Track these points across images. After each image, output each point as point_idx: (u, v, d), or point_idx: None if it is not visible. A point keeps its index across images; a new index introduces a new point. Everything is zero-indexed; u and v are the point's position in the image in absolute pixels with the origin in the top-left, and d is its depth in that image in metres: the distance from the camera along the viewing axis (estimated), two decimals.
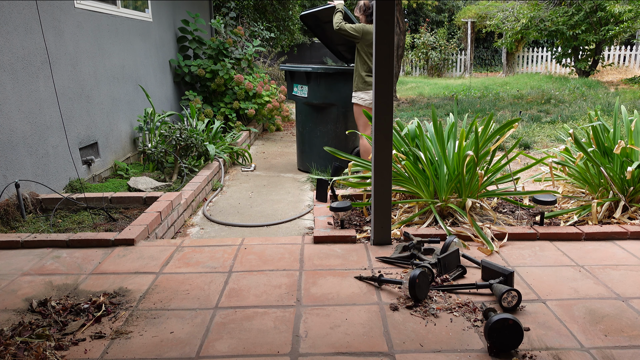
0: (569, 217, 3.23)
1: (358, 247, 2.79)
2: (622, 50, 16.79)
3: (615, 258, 2.61)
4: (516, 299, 2.07)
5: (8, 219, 3.28)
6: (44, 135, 3.83)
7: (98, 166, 4.65)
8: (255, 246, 2.82)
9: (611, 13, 12.92)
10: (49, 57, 3.88)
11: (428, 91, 12.87)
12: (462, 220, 3.11)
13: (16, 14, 3.55)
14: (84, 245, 2.83)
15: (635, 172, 3.11)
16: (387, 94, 2.61)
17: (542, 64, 18.33)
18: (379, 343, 1.86)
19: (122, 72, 5.24)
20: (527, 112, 8.39)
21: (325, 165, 5.08)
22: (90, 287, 2.34)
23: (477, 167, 3.10)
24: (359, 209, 3.43)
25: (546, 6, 14.70)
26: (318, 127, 5.04)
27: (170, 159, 4.77)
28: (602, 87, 12.15)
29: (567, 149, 3.60)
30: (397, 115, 8.51)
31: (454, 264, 2.44)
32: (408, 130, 3.55)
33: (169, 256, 2.70)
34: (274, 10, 11.66)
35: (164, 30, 6.62)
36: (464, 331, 1.93)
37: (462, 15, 19.33)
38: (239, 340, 1.90)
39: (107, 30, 4.93)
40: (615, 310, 2.08)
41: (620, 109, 3.67)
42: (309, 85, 4.90)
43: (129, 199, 3.63)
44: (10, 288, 2.34)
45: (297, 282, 2.37)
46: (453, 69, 19.03)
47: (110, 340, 1.91)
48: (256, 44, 7.82)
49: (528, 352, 1.79)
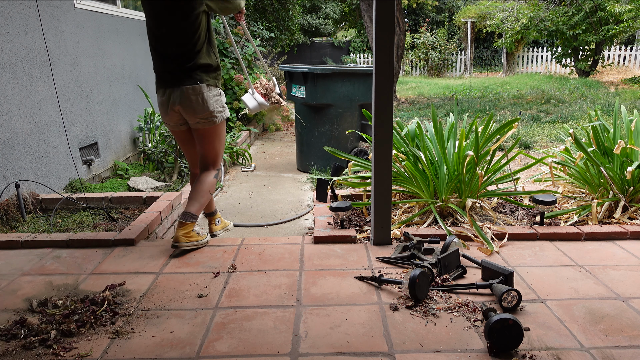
0: (569, 217, 3.23)
1: (358, 247, 2.79)
2: (622, 50, 16.79)
3: (615, 258, 2.61)
4: (516, 299, 2.07)
5: (8, 219, 3.28)
6: (44, 135, 3.83)
7: (98, 166, 4.65)
8: (255, 246, 2.82)
9: (611, 13, 12.92)
10: (49, 57, 3.88)
11: (428, 91, 12.87)
12: (462, 220, 3.11)
13: (16, 14, 3.55)
14: (84, 245, 2.83)
15: (635, 172, 3.11)
16: (387, 93, 2.61)
17: (542, 64, 18.33)
18: (379, 343, 1.86)
19: (122, 72, 5.24)
20: (527, 112, 8.39)
21: (325, 165, 5.08)
22: (91, 287, 2.34)
23: (477, 167, 3.10)
24: (359, 209, 3.43)
25: (546, 6, 14.70)
26: (316, 128, 5.05)
27: (170, 159, 4.77)
28: (602, 87, 12.15)
29: (567, 149, 3.60)
30: (397, 115, 8.51)
31: (454, 264, 2.44)
32: (408, 130, 3.55)
33: (169, 256, 2.70)
34: (274, 10, 11.66)
35: None
36: (464, 331, 1.93)
37: (462, 15, 19.33)
38: (239, 340, 1.90)
39: (107, 30, 4.93)
40: (615, 310, 2.08)
41: (620, 109, 3.67)
42: (306, 86, 4.90)
43: (129, 199, 3.63)
44: (10, 288, 2.34)
45: (297, 282, 2.37)
46: (453, 69, 19.03)
47: (110, 340, 1.91)
48: (256, 44, 7.82)
49: (528, 352, 1.79)
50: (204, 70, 2.68)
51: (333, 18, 20.70)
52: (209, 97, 2.69)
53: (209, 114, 2.71)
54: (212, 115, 2.73)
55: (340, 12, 20.58)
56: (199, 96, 2.66)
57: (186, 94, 2.64)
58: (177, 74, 2.65)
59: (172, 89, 2.67)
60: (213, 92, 2.72)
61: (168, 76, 2.68)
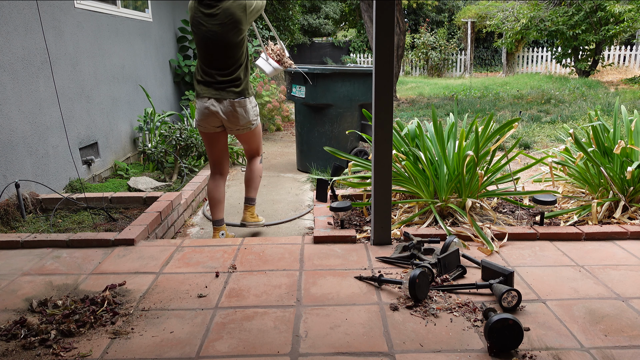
0: (569, 217, 3.23)
1: (358, 247, 2.79)
2: (622, 50, 16.79)
3: (615, 258, 2.61)
4: (516, 299, 2.07)
5: (8, 219, 3.28)
6: (44, 135, 3.83)
7: (98, 166, 4.65)
8: (255, 246, 2.82)
9: (611, 13, 12.92)
10: (49, 57, 3.88)
11: (428, 91, 12.87)
12: (462, 220, 3.11)
13: (16, 14, 3.55)
14: (84, 245, 2.83)
15: (635, 172, 3.11)
16: (387, 93, 2.61)
17: (542, 64, 18.33)
18: (379, 343, 1.86)
19: (122, 72, 5.24)
20: (527, 112, 8.39)
21: (325, 165, 5.08)
22: (91, 287, 2.34)
23: (477, 167, 3.10)
24: (359, 209, 3.43)
25: (546, 6, 14.70)
26: (316, 128, 5.05)
27: (170, 159, 4.77)
28: (602, 87, 12.15)
29: (567, 149, 3.60)
30: (397, 115, 8.51)
31: (454, 264, 2.44)
32: (408, 130, 3.55)
33: (169, 256, 2.70)
34: (274, 10, 11.65)
35: (164, 30, 6.62)
36: (464, 331, 1.93)
37: (462, 15, 19.33)
38: (239, 340, 1.90)
39: (107, 30, 4.93)
40: (615, 310, 2.08)
41: (620, 109, 3.67)
42: (306, 86, 4.90)
43: (129, 199, 3.63)
44: (10, 288, 2.34)
45: (297, 282, 2.37)
46: (453, 69, 19.03)
47: (110, 340, 1.91)
48: (256, 44, 7.82)
49: (528, 352, 1.79)
50: (245, 84, 3.10)
51: (333, 18, 20.71)
52: (249, 109, 3.14)
53: (248, 123, 3.17)
54: (250, 124, 3.19)
55: (340, 12, 20.59)
56: (243, 109, 3.10)
57: (232, 106, 3.06)
58: (223, 86, 3.05)
59: (217, 99, 3.06)
60: (253, 104, 3.17)
61: (215, 87, 3.06)
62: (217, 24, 2.96)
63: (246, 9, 3.00)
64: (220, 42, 2.98)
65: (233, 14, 2.96)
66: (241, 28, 3.00)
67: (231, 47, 3.00)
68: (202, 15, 3.00)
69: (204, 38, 3.01)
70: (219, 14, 2.96)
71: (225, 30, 2.97)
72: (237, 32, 2.99)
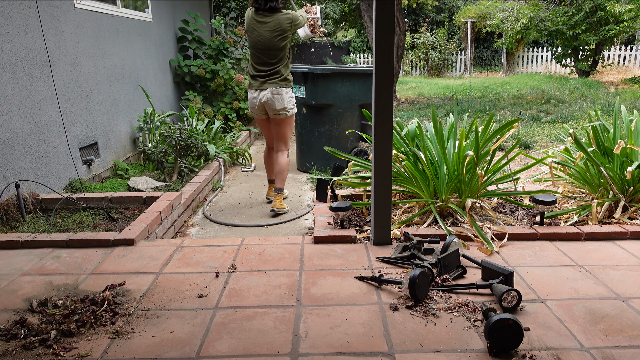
0: (569, 217, 3.23)
1: (358, 247, 2.79)
2: (622, 50, 16.79)
3: (615, 258, 2.61)
4: (516, 299, 2.08)
5: (8, 219, 3.28)
6: (44, 135, 3.83)
7: (98, 166, 4.65)
8: (255, 246, 2.82)
9: (611, 13, 12.92)
10: (49, 57, 3.88)
11: (428, 91, 12.86)
12: (462, 220, 3.11)
13: (16, 14, 3.55)
14: (84, 245, 2.83)
15: (635, 172, 3.11)
16: (387, 93, 2.61)
17: (542, 64, 18.32)
18: (379, 343, 1.86)
19: (122, 72, 5.24)
20: (527, 112, 8.39)
21: (324, 165, 5.08)
22: (91, 287, 2.34)
23: (477, 167, 3.10)
24: (359, 209, 3.43)
25: (546, 6, 14.70)
26: (316, 128, 5.05)
27: (170, 159, 4.77)
28: (602, 87, 12.15)
29: (567, 149, 3.60)
30: (397, 115, 8.51)
31: (454, 264, 2.44)
32: (408, 130, 3.55)
33: (169, 256, 2.70)
34: None
35: (164, 30, 6.62)
36: (464, 331, 1.93)
37: (462, 15, 19.33)
38: (239, 340, 1.90)
39: (107, 30, 4.93)
40: (615, 310, 2.08)
41: (620, 109, 3.67)
42: (306, 86, 4.90)
43: (129, 199, 3.63)
44: (10, 288, 2.34)
45: (297, 282, 2.37)
46: (453, 69, 19.02)
47: (110, 340, 1.91)
48: None
49: (528, 352, 1.79)
50: (284, 78, 3.80)
51: (333, 18, 20.69)
52: (285, 97, 3.81)
53: (284, 109, 3.82)
54: (285, 110, 3.83)
55: (340, 12, 20.57)
56: (280, 96, 3.77)
57: (271, 94, 3.77)
58: (267, 79, 3.78)
59: (262, 89, 3.79)
60: (289, 94, 3.84)
61: (260, 80, 3.79)
62: (267, 31, 3.69)
63: (292, 21, 3.73)
64: (267, 45, 3.72)
65: (281, 24, 3.68)
66: (286, 36, 3.72)
67: (276, 49, 3.72)
68: (255, 23, 3.73)
69: (255, 41, 3.75)
70: (269, 23, 3.69)
71: (272, 37, 3.69)
72: (282, 39, 3.70)
